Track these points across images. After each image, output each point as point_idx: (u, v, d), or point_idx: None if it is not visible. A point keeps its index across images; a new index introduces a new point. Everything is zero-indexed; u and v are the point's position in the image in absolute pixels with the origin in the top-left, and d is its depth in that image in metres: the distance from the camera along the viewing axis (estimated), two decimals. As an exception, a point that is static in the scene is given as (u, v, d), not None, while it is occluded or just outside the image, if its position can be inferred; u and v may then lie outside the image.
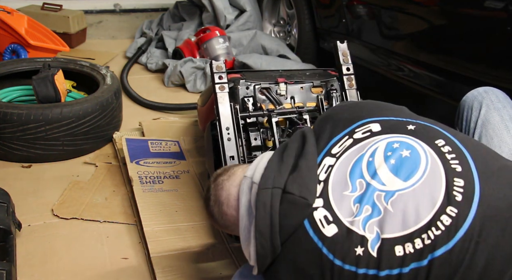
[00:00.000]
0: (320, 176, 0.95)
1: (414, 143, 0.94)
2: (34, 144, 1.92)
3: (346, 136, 1.00)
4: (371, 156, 0.94)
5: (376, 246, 0.86)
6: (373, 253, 0.86)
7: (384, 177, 0.90)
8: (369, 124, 1.01)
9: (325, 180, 0.94)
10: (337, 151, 0.98)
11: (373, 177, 0.91)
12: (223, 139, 1.46)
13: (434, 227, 0.84)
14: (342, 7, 2.68)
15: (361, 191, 0.91)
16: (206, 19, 3.36)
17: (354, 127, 1.01)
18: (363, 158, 0.94)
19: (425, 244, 0.83)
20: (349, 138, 0.99)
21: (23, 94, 2.31)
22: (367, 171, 0.92)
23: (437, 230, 0.83)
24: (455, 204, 0.85)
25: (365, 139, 0.98)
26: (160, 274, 1.41)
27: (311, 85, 1.64)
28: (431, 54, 2.24)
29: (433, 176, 0.88)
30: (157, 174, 1.87)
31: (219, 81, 1.51)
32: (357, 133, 1.00)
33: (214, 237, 1.61)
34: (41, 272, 1.44)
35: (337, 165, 0.96)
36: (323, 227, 0.90)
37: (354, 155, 0.96)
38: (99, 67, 2.34)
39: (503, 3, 1.79)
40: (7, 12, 2.74)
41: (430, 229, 0.84)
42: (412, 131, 0.97)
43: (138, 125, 2.29)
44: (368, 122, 1.01)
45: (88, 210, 1.71)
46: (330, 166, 0.96)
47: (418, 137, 0.95)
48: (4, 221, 1.43)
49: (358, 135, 0.99)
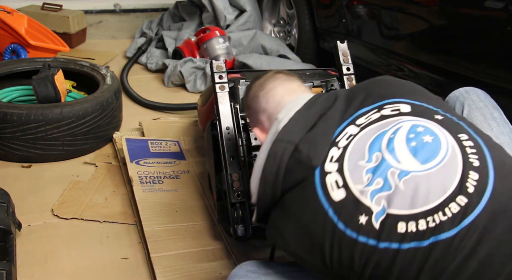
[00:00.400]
0: (340, 143, 0.98)
1: (438, 131, 0.95)
2: (34, 144, 1.92)
3: (375, 109, 1.02)
4: (394, 133, 0.95)
5: (380, 219, 0.87)
6: (375, 224, 0.87)
7: (402, 156, 0.92)
8: (400, 104, 1.02)
9: (345, 147, 0.96)
10: (362, 123, 0.99)
11: (390, 153, 0.92)
12: (223, 139, 1.46)
13: (441, 212, 0.85)
14: (342, 7, 2.68)
15: (376, 164, 0.92)
16: (206, 19, 3.36)
17: (384, 103, 1.03)
18: (385, 134, 0.96)
19: (428, 227, 0.84)
20: (377, 112, 1.01)
21: (23, 94, 2.31)
22: (386, 147, 0.94)
23: (444, 216, 0.84)
24: (466, 194, 0.85)
25: (392, 117, 0.99)
26: (160, 274, 1.41)
27: (311, 85, 1.64)
28: (431, 54, 2.24)
29: (449, 165, 0.89)
30: (157, 174, 1.87)
31: (220, 81, 1.51)
32: (386, 109, 1.01)
33: (214, 237, 1.61)
34: (41, 272, 1.44)
35: (359, 135, 0.97)
36: (332, 191, 0.93)
37: (377, 130, 0.97)
38: (99, 67, 2.34)
39: (503, 3, 1.79)
40: (7, 12, 2.74)
41: (437, 213, 0.85)
42: (438, 120, 0.98)
43: (138, 125, 2.29)
44: (400, 102, 1.03)
45: (88, 210, 1.71)
46: (352, 135, 0.98)
47: (443, 126, 0.96)
48: (4, 221, 1.43)
49: (386, 112, 1.01)
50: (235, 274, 1.09)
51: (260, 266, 1.09)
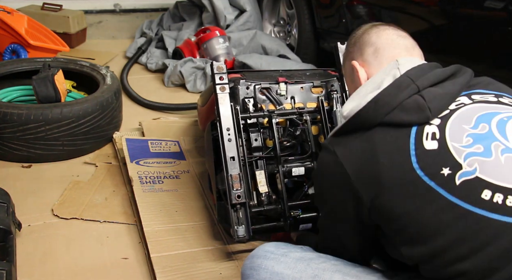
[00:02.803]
0: (451, 106, 0.98)
1: None
2: (34, 144, 1.92)
3: (493, 95, 1.02)
4: (508, 118, 0.95)
5: (464, 178, 0.88)
6: (456, 180, 0.89)
7: (511, 136, 0.92)
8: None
9: (453, 110, 0.97)
10: (477, 99, 1.00)
11: (499, 129, 0.93)
12: (224, 139, 1.46)
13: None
14: (342, 7, 2.68)
15: (481, 132, 0.93)
16: (206, 19, 3.36)
17: (503, 94, 1.03)
18: (498, 114, 0.96)
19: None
20: (494, 97, 1.01)
21: (23, 94, 2.31)
22: (497, 124, 0.94)
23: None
24: None
25: (510, 106, 0.99)
26: (160, 274, 1.41)
27: (311, 85, 1.64)
28: (431, 54, 2.24)
29: None
30: (157, 174, 1.87)
31: (220, 82, 1.51)
32: (505, 98, 1.02)
33: (214, 237, 1.61)
34: (41, 272, 1.44)
35: (471, 106, 0.98)
36: (426, 140, 0.94)
37: (491, 109, 0.97)
38: (99, 67, 2.34)
39: (503, 3, 1.79)
40: (7, 12, 2.74)
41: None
42: None
43: (138, 125, 2.29)
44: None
45: (88, 210, 1.71)
46: (464, 103, 0.98)
47: None
48: (4, 221, 1.43)
49: (504, 100, 1.01)
50: (254, 254, 1.11)
51: (278, 247, 1.11)
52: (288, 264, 1.05)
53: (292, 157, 1.56)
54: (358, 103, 1.02)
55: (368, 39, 1.16)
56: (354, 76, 1.17)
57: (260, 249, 1.12)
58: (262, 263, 1.07)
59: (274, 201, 1.51)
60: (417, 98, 0.97)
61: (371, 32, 1.17)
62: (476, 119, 0.95)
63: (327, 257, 1.08)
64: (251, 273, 1.08)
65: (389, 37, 1.15)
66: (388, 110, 0.96)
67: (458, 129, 0.94)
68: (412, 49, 1.16)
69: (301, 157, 1.56)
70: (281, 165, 1.51)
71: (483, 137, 0.92)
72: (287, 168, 1.52)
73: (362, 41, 1.17)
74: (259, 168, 1.52)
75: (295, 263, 1.05)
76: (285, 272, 1.04)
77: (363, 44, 1.17)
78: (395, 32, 1.17)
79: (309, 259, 1.06)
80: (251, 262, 1.09)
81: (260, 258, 1.08)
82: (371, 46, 1.15)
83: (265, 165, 1.52)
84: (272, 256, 1.07)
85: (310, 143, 1.55)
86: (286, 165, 1.52)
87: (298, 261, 1.05)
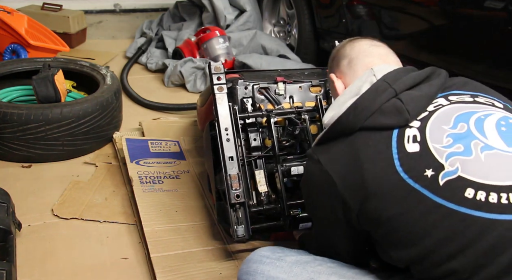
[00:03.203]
0: (429, 107, 1.00)
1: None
2: (34, 144, 1.92)
3: (469, 95, 1.04)
4: (485, 116, 0.97)
5: (447, 178, 0.89)
6: (440, 181, 0.89)
7: (489, 134, 0.94)
8: (494, 100, 1.05)
9: (431, 111, 0.99)
10: (454, 100, 1.02)
11: (477, 128, 0.94)
12: (222, 139, 1.46)
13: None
14: (342, 7, 2.68)
15: (460, 131, 0.94)
16: (206, 19, 3.36)
17: (478, 94, 1.05)
18: (475, 113, 0.97)
19: (500, 202, 0.86)
20: (470, 97, 1.03)
21: (23, 94, 2.31)
22: (474, 122, 0.96)
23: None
24: None
25: (485, 105, 1.01)
26: (160, 274, 1.41)
27: (310, 85, 1.64)
28: (431, 54, 2.24)
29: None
30: (157, 174, 1.87)
31: (218, 82, 1.51)
32: (480, 98, 1.03)
33: (214, 237, 1.61)
34: (41, 272, 1.44)
35: (448, 107, 0.99)
36: (407, 143, 0.95)
37: (468, 108, 0.99)
38: (99, 67, 2.34)
39: (503, 3, 1.79)
40: (7, 12, 2.74)
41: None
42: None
43: (138, 125, 2.30)
44: (493, 99, 1.05)
45: (88, 210, 1.71)
46: (441, 105, 1.00)
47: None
48: (4, 221, 1.43)
49: (480, 100, 1.03)
50: (250, 258, 1.12)
51: (274, 251, 1.12)
52: (284, 268, 1.06)
53: (291, 157, 1.56)
54: (338, 110, 1.05)
55: (343, 52, 1.21)
56: (332, 88, 1.21)
57: (255, 254, 1.12)
58: (258, 267, 1.08)
59: (273, 201, 1.51)
60: (395, 101, 0.98)
61: (346, 45, 1.22)
62: (454, 119, 0.96)
63: (323, 259, 1.09)
64: (247, 278, 1.09)
65: (362, 47, 1.19)
66: (368, 115, 0.98)
67: (438, 130, 0.95)
68: (386, 56, 1.18)
69: (300, 156, 1.56)
70: (280, 164, 1.51)
71: (463, 136, 0.93)
72: (286, 168, 1.52)
73: (338, 55, 1.23)
74: (258, 167, 1.52)
75: (291, 267, 1.06)
76: (280, 276, 1.05)
77: (339, 57, 1.22)
78: (369, 42, 1.21)
79: (304, 263, 1.07)
80: (247, 267, 1.10)
81: (256, 262, 1.09)
82: (345, 58, 1.20)
83: (264, 165, 1.52)
84: (268, 260, 1.08)
85: (309, 142, 1.55)
86: (285, 164, 1.52)
87: (293, 265, 1.06)
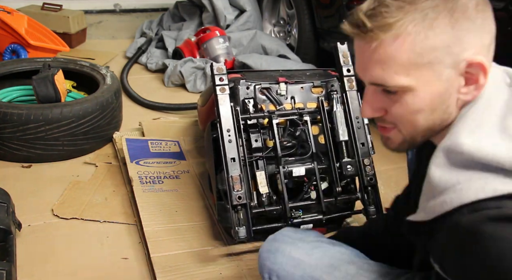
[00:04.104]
0: None
1: None
2: (34, 144, 1.91)
3: None
4: None
5: None
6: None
7: None
8: None
9: None
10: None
11: None
12: (224, 141, 1.46)
13: None
14: (342, 7, 2.68)
15: None
16: (206, 19, 3.36)
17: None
18: None
19: None
20: None
21: (23, 94, 2.31)
22: None
23: None
24: None
25: None
26: (160, 274, 1.41)
27: (312, 85, 1.64)
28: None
29: None
30: (157, 174, 1.87)
31: (220, 83, 1.51)
32: None
33: (214, 237, 1.61)
34: (41, 272, 1.44)
35: None
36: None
37: None
38: (99, 67, 2.34)
39: (503, 3, 1.79)
40: (7, 12, 2.74)
41: None
42: None
43: (138, 125, 2.29)
44: None
45: (88, 210, 1.71)
46: None
47: None
48: (4, 221, 1.43)
49: None
50: (273, 237, 1.12)
51: (296, 231, 1.12)
52: (306, 250, 1.06)
53: (293, 158, 1.56)
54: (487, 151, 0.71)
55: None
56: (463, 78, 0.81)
57: (279, 233, 1.13)
58: (280, 246, 1.08)
59: (274, 202, 1.51)
60: None
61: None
62: None
63: (341, 245, 1.09)
64: (268, 255, 1.09)
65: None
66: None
67: None
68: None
69: (302, 158, 1.56)
70: (282, 165, 1.51)
71: None
72: (287, 169, 1.52)
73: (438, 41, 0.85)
74: (260, 168, 1.52)
75: (312, 249, 1.06)
76: (302, 258, 1.05)
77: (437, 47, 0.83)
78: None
79: (325, 247, 1.07)
80: (269, 245, 1.11)
81: (278, 241, 1.10)
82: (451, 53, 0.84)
83: (265, 166, 1.52)
84: (290, 240, 1.08)
85: (311, 143, 1.55)
86: (286, 165, 1.52)
87: (315, 248, 1.06)
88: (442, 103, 0.79)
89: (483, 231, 0.68)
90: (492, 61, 0.84)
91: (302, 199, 1.54)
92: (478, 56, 0.77)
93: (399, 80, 0.78)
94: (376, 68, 0.79)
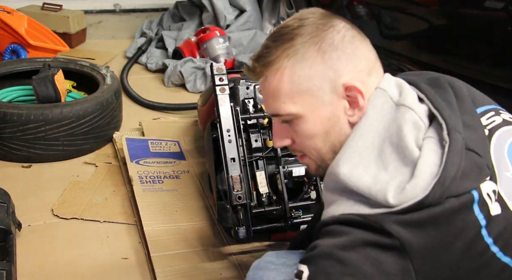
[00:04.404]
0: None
1: None
2: (34, 144, 1.91)
3: (492, 111, 0.88)
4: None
5: None
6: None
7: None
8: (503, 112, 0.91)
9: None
10: (486, 124, 0.86)
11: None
12: (224, 141, 1.46)
13: None
14: (342, 7, 2.68)
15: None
16: (206, 19, 3.36)
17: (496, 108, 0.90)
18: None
19: None
20: (495, 115, 0.88)
21: (23, 94, 2.31)
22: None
23: None
24: None
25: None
26: (160, 274, 1.41)
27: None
28: (431, 54, 2.24)
29: None
30: (157, 174, 1.87)
31: (220, 83, 1.51)
32: (503, 114, 0.89)
33: (214, 237, 1.61)
34: (41, 272, 1.44)
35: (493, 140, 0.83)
36: (491, 203, 0.75)
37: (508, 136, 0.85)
38: (99, 67, 2.34)
39: (503, 3, 1.79)
40: (7, 12, 2.73)
41: None
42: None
43: (138, 125, 2.29)
44: (500, 110, 0.91)
45: (88, 210, 1.71)
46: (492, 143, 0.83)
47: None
48: (4, 221, 1.43)
49: (505, 116, 0.88)
50: (257, 266, 1.11)
51: (278, 256, 1.11)
52: (289, 275, 1.05)
53: (293, 158, 1.56)
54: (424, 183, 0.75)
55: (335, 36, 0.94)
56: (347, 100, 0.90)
57: (261, 261, 1.11)
58: (264, 274, 1.07)
59: (274, 202, 1.51)
60: (471, 155, 0.77)
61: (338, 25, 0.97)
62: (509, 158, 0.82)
63: None
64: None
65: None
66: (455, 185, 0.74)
67: (506, 180, 0.79)
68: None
69: (301, 157, 1.56)
70: (282, 165, 1.51)
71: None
72: (287, 169, 1.52)
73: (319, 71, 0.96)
74: (260, 168, 1.52)
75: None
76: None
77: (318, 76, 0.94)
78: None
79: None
80: (254, 274, 1.09)
81: (262, 269, 1.08)
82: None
83: (265, 166, 1.52)
84: (273, 266, 1.07)
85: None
86: (286, 165, 1.52)
87: None
88: (334, 126, 0.87)
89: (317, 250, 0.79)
90: (388, 79, 0.90)
91: (302, 199, 1.54)
92: (353, 81, 0.85)
93: (288, 108, 0.87)
94: (269, 101, 0.90)
